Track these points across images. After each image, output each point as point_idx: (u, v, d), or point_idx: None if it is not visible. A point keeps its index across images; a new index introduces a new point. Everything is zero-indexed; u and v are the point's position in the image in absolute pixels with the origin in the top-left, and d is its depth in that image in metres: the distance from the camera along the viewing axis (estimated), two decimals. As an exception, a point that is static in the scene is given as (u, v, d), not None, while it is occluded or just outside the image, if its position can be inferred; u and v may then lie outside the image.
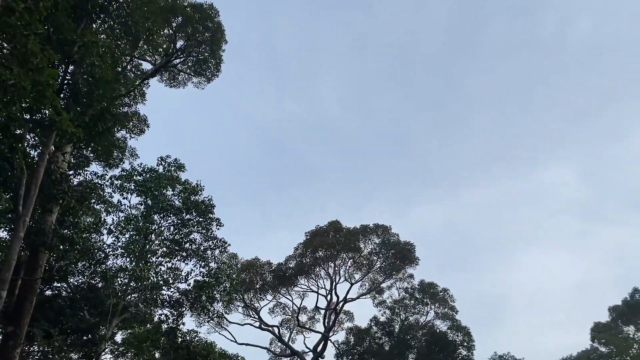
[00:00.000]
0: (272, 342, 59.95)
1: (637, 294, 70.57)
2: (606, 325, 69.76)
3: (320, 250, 56.33)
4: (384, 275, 58.36)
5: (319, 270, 57.90)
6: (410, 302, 58.49)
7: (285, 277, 57.23)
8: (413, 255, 56.98)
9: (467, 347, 55.89)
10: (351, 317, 60.62)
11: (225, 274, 34.60)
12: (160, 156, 31.97)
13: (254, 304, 58.35)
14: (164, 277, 32.43)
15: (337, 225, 57.69)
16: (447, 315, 57.54)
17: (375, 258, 57.75)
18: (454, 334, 56.48)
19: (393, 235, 57.55)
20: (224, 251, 33.50)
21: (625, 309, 70.60)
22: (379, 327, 58.72)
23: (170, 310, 33.79)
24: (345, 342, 58.92)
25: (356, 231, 57.20)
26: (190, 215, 31.47)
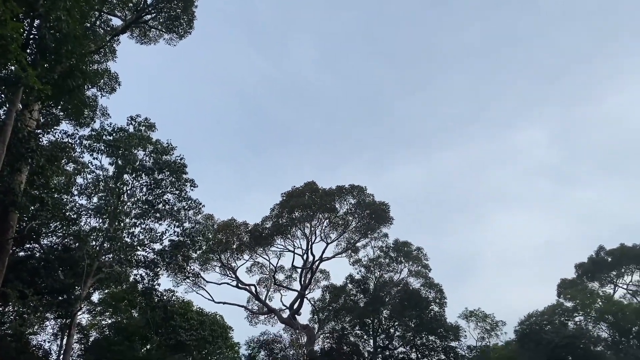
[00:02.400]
0: (250, 300, 60.86)
1: (602, 252, 73.13)
2: (572, 281, 72.43)
3: (296, 210, 56.73)
4: (360, 234, 59.21)
5: (295, 231, 58.44)
6: (384, 260, 59.64)
7: (262, 237, 57.64)
8: (388, 215, 57.80)
9: (439, 303, 57.58)
10: (327, 276, 61.76)
11: (201, 234, 34.73)
12: (130, 115, 31.47)
13: (231, 263, 58.87)
14: (138, 237, 32.44)
15: (313, 186, 57.99)
16: (420, 273, 58.92)
17: (350, 218, 58.43)
18: (426, 291, 58.02)
19: (368, 196, 58.16)
20: (199, 212, 33.54)
21: (591, 266, 73.26)
22: (354, 285, 59.94)
23: (146, 271, 33.95)
24: (321, 299, 60.12)
25: (332, 192, 57.60)
26: (162, 175, 31.25)
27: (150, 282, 34.01)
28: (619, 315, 57.91)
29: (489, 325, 62.21)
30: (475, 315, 62.49)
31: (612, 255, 71.53)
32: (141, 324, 35.65)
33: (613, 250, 71.29)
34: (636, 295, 69.68)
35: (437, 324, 56.44)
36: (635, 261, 70.14)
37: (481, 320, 62.25)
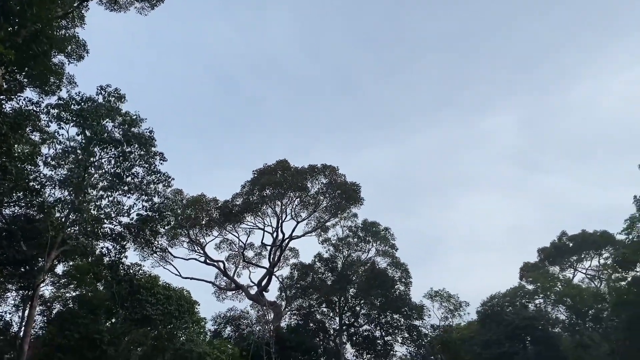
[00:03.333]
0: (217, 276, 60.86)
1: (564, 237, 75.32)
2: (534, 265, 74.56)
3: (267, 188, 56.57)
4: (330, 214, 59.51)
5: (265, 208, 58.38)
6: (353, 240, 60.26)
7: (232, 214, 57.40)
8: (358, 195, 58.13)
9: (404, 282, 58.65)
10: (296, 254, 62.12)
11: (170, 209, 34.39)
12: (99, 85, 30.66)
13: (200, 239, 58.57)
14: (105, 210, 31.93)
15: (285, 164, 57.82)
16: (387, 253, 59.77)
17: (321, 197, 58.58)
18: (393, 270, 58.98)
19: (340, 176, 58.33)
20: (168, 186, 33.12)
21: (552, 251, 75.49)
22: (323, 263, 60.52)
23: (113, 244, 33.54)
24: (289, 277, 60.55)
25: (304, 171, 57.57)
26: (131, 148, 30.65)
27: (116, 255, 33.64)
28: (577, 299, 59.93)
29: (452, 306, 63.69)
30: (439, 295, 63.85)
31: (573, 241, 73.74)
32: (106, 298, 35.27)
33: (574, 236, 73.49)
34: (594, 280, 72.18)
35: (402, 303, 57.57)
36: (594, 247, 72.47)
37: (445, 300, 63.69)
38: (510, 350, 58.41)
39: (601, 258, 72.39)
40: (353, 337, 60.57)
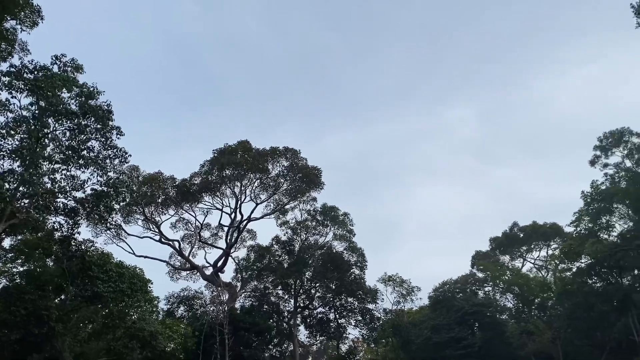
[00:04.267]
0: (172, 255, 60.07)
1: (515, 228, 77.77)
2: (486, 254, 76.76)
3: (227, 168, 55.95)
4: (289, 197, 59.45)
5: (224, 189, 57.80)
6: (311, 223, 60.46)
7: (190, 193, 56.59)
8: (319, 179, 58.23)
9: (360, 267, 59.48)
10: (254, 236, 61.88)
11: (125, 185, 33.64)
12: (55, 54, 29.37)
13: (155, 217, 57.56)
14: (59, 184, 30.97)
15: (246, 145, 57.23)
16: (345, 237, 60.32)
17: (282, 180, 58.41)
18: (349, 254, 59.68)
19: (301, 159, 58.19)
20: (125, 161, 32.32)
21: (504, 240, 77.86)
22: (280, 246, 60.60)
23: (65, 219, 32.61)
24: (246, 258, 60.43)
25: (265, 153, 57.18)
26: (88, 121, 29.67)
27: (69, 230, 32.74)
28: (524, 288, 62.06)
29: (405, 290, 65.13)
30: (393, 280, 65.11)
31: (524, 232, 76.25)
32: (56, 274, 34.35)
33: (525, 227, 75.98)
34: (541, 270, 74.94)
35: (356, 286, 58.41)
36: (544, 238, 75.19)
37: (398, 285, 65.03)
38: (458, 335, 60.24)
39: (549, 249, 75.28)
40: (307, 319, 61.20)
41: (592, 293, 53.28)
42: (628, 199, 48.14)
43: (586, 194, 53.28)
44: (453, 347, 59.40)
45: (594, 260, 51.94)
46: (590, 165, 54.68)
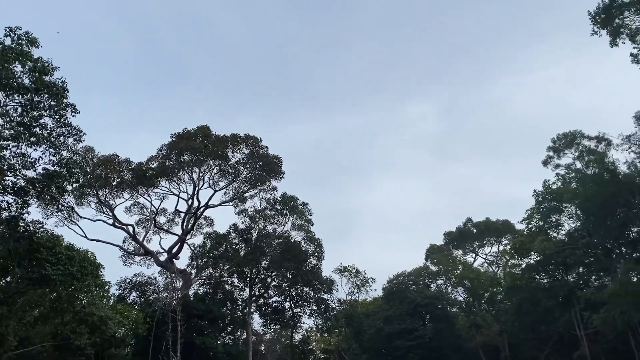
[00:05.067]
0: (126, 240, 58.64)
1: (469, 224, 79.80)
2: (440, 247, 78.48)
3: (186, 154, 54.87)
4: (249, 185, 58.89)
5: (182, 174, 56.67)
6: (270, 212, 60.25)
7: (146, 177, 55.23)
8: (279, 168, 57.82)
9: (317, 257, 59.71)
10: (211, 223, 61.07)
11: (79, 166, 32.48)
12: (9, 26, 28.00)
13: (109, 201, 56.01)
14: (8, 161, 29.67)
15: (206, 130, 56.24)
16: (303, 227, 60.42)
17: (242, 168, 57.74)
18: (307, 244, 59.83)
19: (262, 148, 57.60)
20: (79, 141, 31.15)
21: (458, 235, 79.81)
22: (237, 234, 60.17)
23: (14, 198, 31.24)
24: (202, 245, 59.69)
25: (226, 139, 56.32)
26: (41, 97, 28.45)
27: (17, 210, 31.41)
28: (475, 282, 63.92)
29: (360, 281, 65.96)
30: (348, 271, 65.84)
31: (477, 227, 78.33)
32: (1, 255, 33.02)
33: (479, 223, 78.06)
34: (492, 265, 77.24)
35: (313, 276, 58.70)
36: (496, 234, 77.48)
37: (354, 276, 65.81)
38: (410, 327, 61.52)
39: (501, 245, 77.66)
40: (262, 308, 61.16)
41: (539, 289, 55.35)
42: (577, 199, 50.05)
43: (538, 192, 55.18)
44: (404, 338, 60.65)
45: (542, 257, 53.93)
46: (543, 165, 56.70)
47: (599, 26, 38.33)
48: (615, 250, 49.67)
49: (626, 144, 45.41)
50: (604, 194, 45.65)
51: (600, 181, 46.43)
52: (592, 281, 53.64)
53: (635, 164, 46.25)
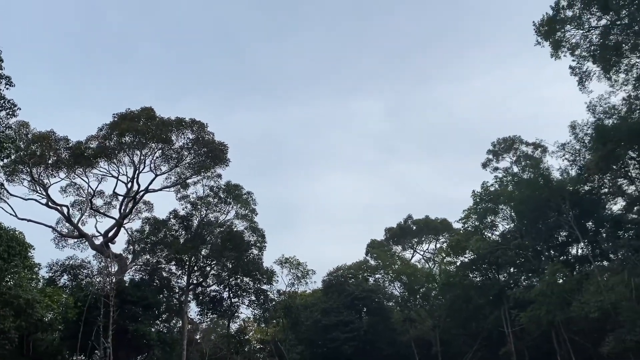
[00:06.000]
0: (60, 221, 56.18)
1: (409, 221, 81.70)
2: (380, 243, 79.90)
3: (127, 135, 53.02)
4: (192, 171, 57.63)
5: (123, 156, 54.78)
6: (213, 200, 59.26)
7: (84, 157, 53.06)
8: (225, 156, 56.87)
9: (259, 247, 59.36)
10: (150, 208, 59.41)
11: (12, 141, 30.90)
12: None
13: (43, 179, 53.44)
14: None
15: (150, 113, 54.51)
16: (246, 217, 59.82)
17: (186, 153, 56.43)
18: (249, 234, 59.33)
19: (208, 134, 56.40)
20: (13, 115, 29.64)
21: (398, 231, 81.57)
22: (178, 220, 58.93)
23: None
24: (140, 230, 58.05)
25: (170, 122, 54.82)
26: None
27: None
28: (412, 277, 65.47)
29: (300, 273, 66.17)
30: (289, 262, 65.87)
31: (417, 225, 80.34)
32: None
33: (418, 220, 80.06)
34: (429, 262, 79.37)
35: (254, 267, 58.39)
36: (434, 232, 79.73)
37: (294, 267, 65.91)
38: (346, 319, 62.35)
39: (438, 243, 79.94)
40: (199, 296, 60.31)
41: (472, 286, 57.41)
42: (512, 201, 52.11)
43: (476, 193, 57.13)
44: (340, 330, 61.42)
45: (476, 256, 55.92)
46: (482, 167, 58.86)
47: (542, 37, 39.92)
48: (544, 253, 52.14)
49: (561, 152, 47.61)
50: (537, 199, 47.77)
51: (534, 186, 48.51)
52: (522, 281, 56.11)
53: (568, 171, 48.65)
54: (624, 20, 36.41)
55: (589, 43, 39.22)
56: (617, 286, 37.35)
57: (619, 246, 43.90)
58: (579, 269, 50.20)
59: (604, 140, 39.17)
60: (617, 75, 39.09)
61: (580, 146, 45.42)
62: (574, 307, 40.63)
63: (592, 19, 38.30)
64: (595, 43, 38.87)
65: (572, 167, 47.81)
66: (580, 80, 40.41)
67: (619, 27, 37.28)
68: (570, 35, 39.46)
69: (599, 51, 38.43)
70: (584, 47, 39.43)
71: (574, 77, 40.56)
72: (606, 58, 38.01)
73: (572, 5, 38.33)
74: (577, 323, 44.80)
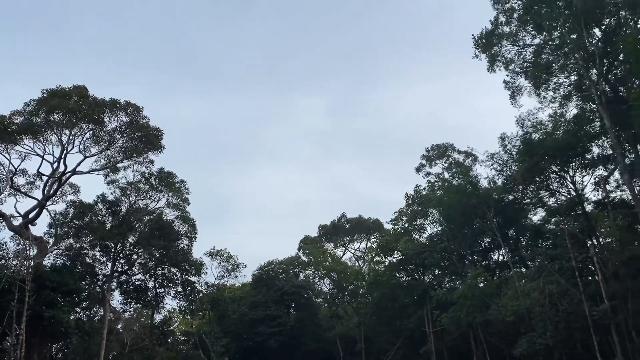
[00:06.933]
0: (-25, 200, 52.68)
1: (343, 219, 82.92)
2: (313, 239, 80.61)
3: (57, 113, 50.34)
4: (124, 155, 55.47)
5: (50, 134, 51.91)
6: (144, 186, 57.40)
7: (7, 132, 49.85)
8: (159, 142, 55.11)
9: (189, 237, 58.06)
10: (77, 191, 56.66)
11: None
12: None
13: (-43, 153, 49.96)
14: None
15: (82, 91, 52.01)
16: (178, 206, 58.39)
17: (118, 136, 54.21)
18: (180, 224, 57.94)
19: (143, 118, 54.43)
20: None
21: (331, 229, 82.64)
22: (105, 205, 56.70)
23: None
24: (63, 213, 55.33)
25: (104, 103, 52.52)
26: None
27: None
28: (342, 275, 66.43)
29: (231, 266, 65.51)
30: (220, 254, 65.09)
31: (350, 223, 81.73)
32: None
33: (352, 219, 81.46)
34: (359, 260, 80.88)
35: (182, 257, 57.19)
36: (366, 231, 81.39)
37: (225, 260, 65.20)
38: (274, 313, 62.49)
39: (369, 242, 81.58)
40: (123, 285, 58.39)
41: (398, 286, 59.02)
42: (440, 206, 53.92)
43: (409, 196, 58.78)
44: (267, 325, 61.47)
45: (404, 257, 57.52)
46: (416, 171, 60.82)
47: (480, 50, 41.57)
48: (468, 257, 54.35)
49: (489, 161, 49.70)
50: (465, 205, 49.69)
51: (463, 192, 50.40)
52: (445, 283, 58.27)
53: (495, 180, 50.86)
54: (556, 41, 38.49)
55: (522, 60, 41.27)
56: (533, 292, 39.44)
57: (536, 254, 46.49)
58: (499, 274, 52.72)
59: (530, 153, 41.19)
60: (546, 93, 41.34)
61: (508, 157, 47.58)
62: (492, 310, 42.63)
63: (527, 37, 40.33)
64: (529, 60, 40.94)
65: (499, 176, 50.02)
66: (512, 95, 42.47)
67: (550, 47, 39.38)
68: (506, 51, 41.34)
69: (531, 68, 40.47)
70: (518, 63, 41.47)
71: (507, 90, 42.57)
72: (537, 75, 40.05)
73: (510, 23, 40.18)
74: (494, 325, 46.97)
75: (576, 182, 42.32)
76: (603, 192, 41.36)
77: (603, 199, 41.40)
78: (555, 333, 36.66)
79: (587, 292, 37.26)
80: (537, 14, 37.16)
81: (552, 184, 43.99)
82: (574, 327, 36.80)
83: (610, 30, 35.91)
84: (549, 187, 44.25)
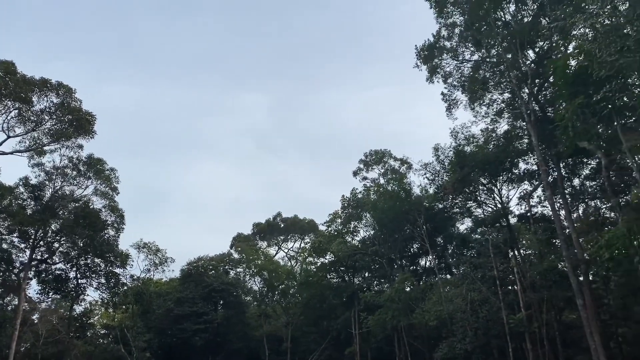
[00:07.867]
0: None
1: (278, 218, 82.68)
2: (247, 237, 79.93)
3: (-21, 88, 47.32)
4: (52, 138, 52.63)
5: (-30, 110, 48.77)
6: (71, 172, 54.73)
7: None
8: (91, 127, 52.68)
9: (116, 228, 55.90)
10: (-3, 172, 53.39)
11: None
12: None
13: None
14: None
15: (10, 67, 48.92)
16: (106, 195, 56.08)
17: (47, 117, 51.40)
18: (107, 213, 55.71)
19: (75, 100, 51.90)
20: None
21: (266, 227, 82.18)
22: (28, 189, 53.65)
23: None
24: (-20, 195, 52.00)
25: (33, 82, 49.69)
26: None
27: None
28: (273, 274, 66.23)
29: (158, 260, 63.68)
30: (148, 247, 63.13)
31: (285, 222, 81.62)
32: None
33: (287, 219, 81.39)
34: (292, 260, 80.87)
35: (108, 248, 55.02)
36: (301, 231, 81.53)
37: (153, 253, 63.28)
38: (201, 310, 61.43)
39: (303, 242, 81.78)
40: (42, 274, 55.48)
41: (328, 287, 59.55)
42: (374, 210, 54.83)
43: (345, 199, 59.42)
44: (192, 321, 60.34)
45: (336, 259, 58.10)
46: (353, 175, 61.57)
47: (422, 61, 42.62)
48: (397, 261, 55.57)
49: (423, 170, 51.03)
50: (397, 210, 50.82)
51: (396, 198, 51.52)
52: (374, 286, 59.34)
53: (427, 189, 52.31)
54: (493, 58, 40.05)
55: (460, 74, 42.66)
56: (456, 298, 40.86)
57: (461, 262, 48.20)
58: (425, 280, 54.29)
59: (461, 164, 42.68)
60: (480, 108, 42.91)
61: (440, 167, 49.05)
62: (416, 314, 43.79)
63: (467, 52, 41.72)
64: (466, 75, 42.34)
65: (431, 185, 51.45)
66: (449, 107, 43.82)
67: (488, 63, 40.93)
68: (446, 64, 42.62)
69: (468, 82, 41.91)
70: (456, 76, 42.83)
71: (444, 102, 43.90)
72: (473, 90, 41.48)
73: (451, 38, 41.43)
74: (417, 329, 48.32)
75: (502, 195, 44.34)
76: (527, 206, 43.51)
77: (526, 213, 43.54)
78: (474, 339, 38.12)
79: (506, 300, 39.02)
80: (477, 31, 38.48)
81: (480, 196, 45.81)
82: (492, 333, 38.43)
83: (542, 52, 37.76)
84: (477, 199, 46.06)
